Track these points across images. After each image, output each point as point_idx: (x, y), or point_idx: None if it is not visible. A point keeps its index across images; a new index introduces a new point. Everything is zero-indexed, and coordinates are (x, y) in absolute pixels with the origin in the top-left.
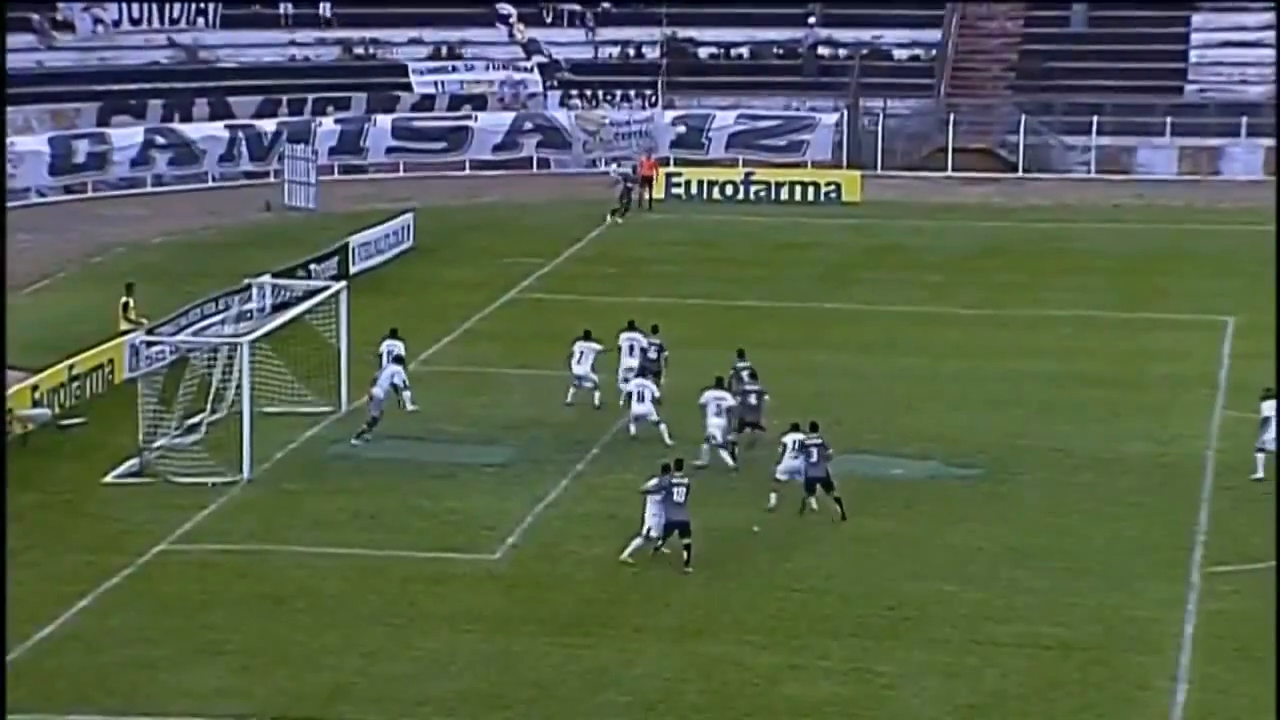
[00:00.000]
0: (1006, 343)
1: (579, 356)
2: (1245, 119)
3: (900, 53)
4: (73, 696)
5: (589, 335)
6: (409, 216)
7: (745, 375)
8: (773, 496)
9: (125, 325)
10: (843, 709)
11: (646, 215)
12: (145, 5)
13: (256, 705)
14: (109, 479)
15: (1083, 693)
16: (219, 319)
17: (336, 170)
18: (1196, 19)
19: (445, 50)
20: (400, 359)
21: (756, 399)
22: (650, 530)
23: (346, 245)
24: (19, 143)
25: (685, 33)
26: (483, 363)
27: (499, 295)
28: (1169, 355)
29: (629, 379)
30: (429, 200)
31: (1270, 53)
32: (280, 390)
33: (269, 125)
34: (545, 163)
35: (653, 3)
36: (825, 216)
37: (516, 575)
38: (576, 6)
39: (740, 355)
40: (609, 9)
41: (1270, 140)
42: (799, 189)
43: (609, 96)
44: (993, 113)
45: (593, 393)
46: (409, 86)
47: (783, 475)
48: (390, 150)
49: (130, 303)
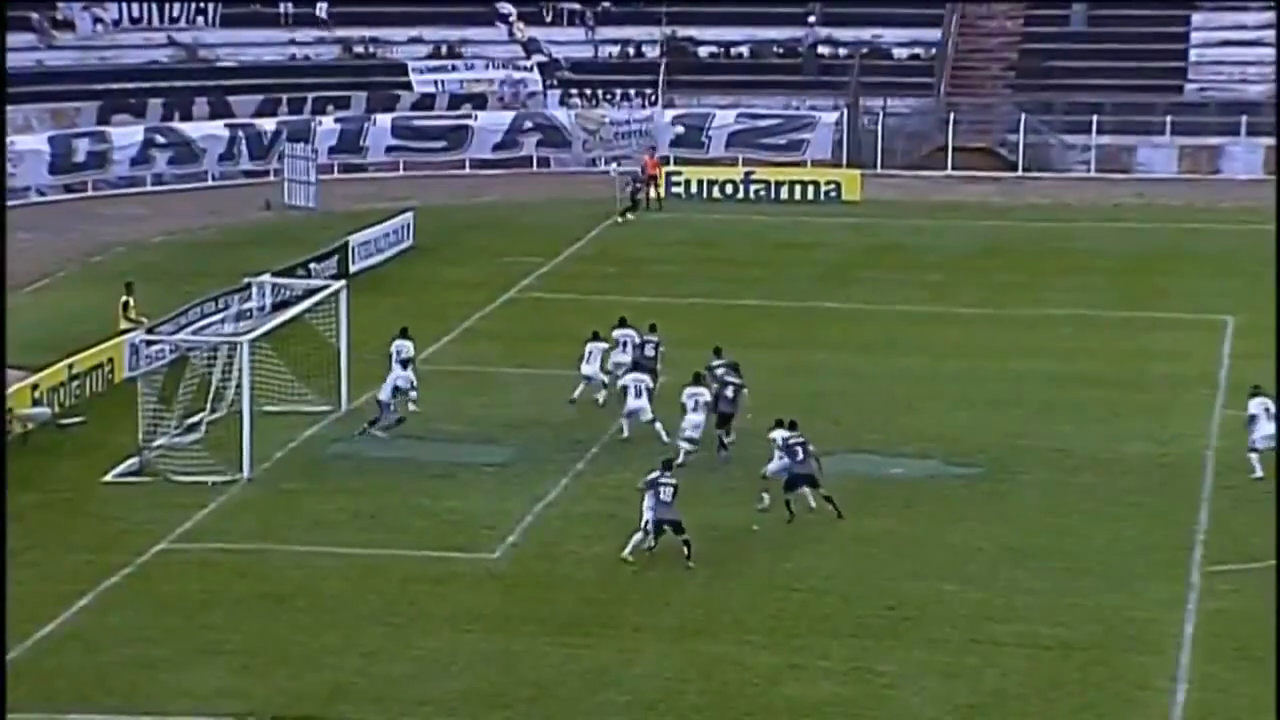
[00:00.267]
0: (1006, 343)
1: (589, 356)
2: (1245, 118)
3: (900, 52)
4: (73, 696)
5: (598, 336)
6: (409, 216)
7: (720, 371)
8: (764, 496)
9: (125, 324)
10: (843, 709)
11: (654, 214)
12: (145, 4)
13: (256, 705)
14: (109, 478)
15: (1083, 693)
16: (219, 318)
17: (336, 169)
18: (1196, 18)
19: (445, 49)
20: (408, 361)
21: (734, 392)
22: (647, 524)
23: (346, 244)
24: (19, 142)
25: (685, 32)
26: (483, 362)
27: (499, 294)
28: (1169, 355)
29: (620, 375)
30: (429, 199)
31: (1270, 52)
32: (280, 389)
33: (269, 124)
34: (545, 162)
35: (653, 2)
36: (825, 216)
37: (516, 575)
38: (576, 5)
39: (717, 353)
40: (609, 8)
41: (1270, 139)
42: (799, 188)
43: (609, 95)
44: (993, 112)
45: (599, 391)
46: (409, 85)
47: (772, 474)
48: (390, 149)
49: (130, 302)
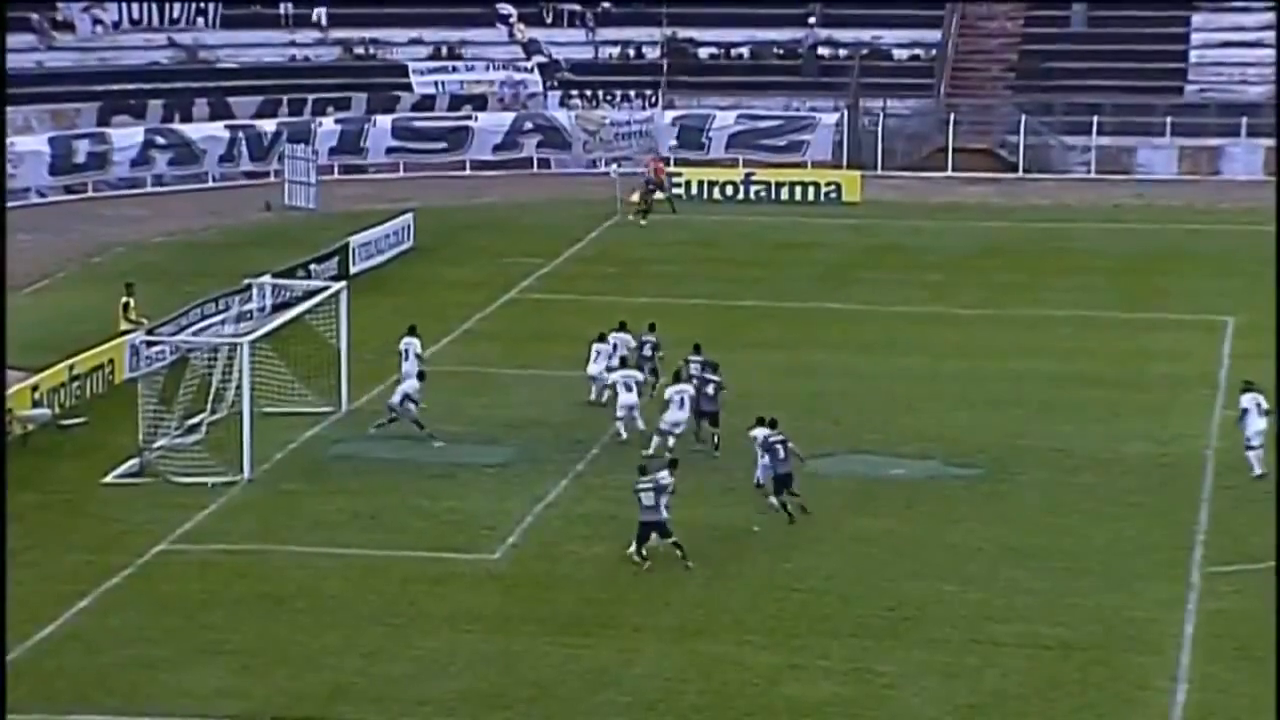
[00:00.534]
0: (1006, 343)
1: (595, 356)
2: (1245, 119)
3: (900, 53)
4: (73, 696)
5: (603, 337)
6: (409, 216)
7: (695, 368)
8: (773, 500)
9: (125, 325)
10: (843, 709)
11: (668, 216)
12: (145, 5)
13: (256, 705)
14: (109, 479)
15: (1083, 693)
16: (219, 319)
17: (336, 170)
18: (1196, 19)
19: (445, 50)
20: (419, 356)
21: (714, 389)
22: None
23: (347, 245)
24: (19, 143)
25: (685, 33)
26: (483, 363)
27: (499, 295)
28: (1169, 355)
29: (610, 372)
30: (429, 200)
31: (1270, 53)
32: (280, 390)
33: (269, 125)
34: (545, 163)
35: (653, 3)
36: (825, 216)
37: (516, 575)
38: (577, 6)
39: (696, 349)
40: (609, 9)
41: (1270, 140)
42: (799, 189)
43: (609, 96)
44: (993, 113)
45: (603, 391)
46: (409, 86)
47: (764, 479)
48: (390, 150)
49: (130, 303)
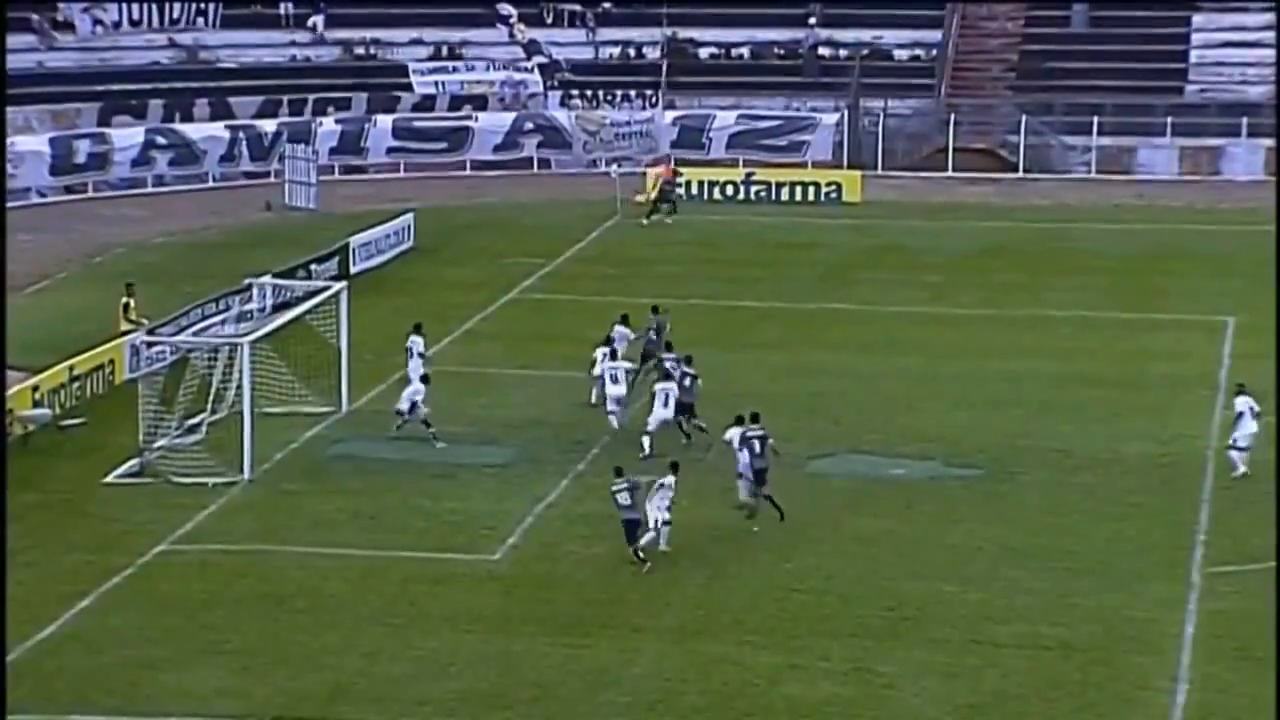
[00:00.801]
0: (1006, 343)
1: (601, 358)
2: (1245, 119)
3: (901, 53)
4: (73, 696)
5: (607, 342)
6: (409, 216)
7: (671, 364)
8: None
9: (126, 325)
10: (843, 709)
11: (666, 218)
12: (145, 6)
13: (256, 705)
14: (109, 479)
15: (1083, 693)
16: (219, 319)
17: (337, 170)
18: (1197, 19)
19: (446, 50)
20: (422, 355)
21: (690, 382)
22: (657, 523)
23: (347, 245)
24: (20, 143)
25: (685, 33)
26: (483, 363)
27: (500, 295)
28: (1169, 355)
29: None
30: (429, 200)
31: (1270, 53)
32: (281, 390)
33: (269, 125)
34: (546, 163)
35: (653, 3)
36: (825, 216)
37: (516, 575)
38: (577, 7)
39: (668, 347)
40: (609, 9)
41: (1270, 140)
42: (799, 189)
43: (609, 97)
44: (993, 113)
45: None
46: (409, 87)
47: (742, 470)
48: (391, 150)
49: (131, 303)
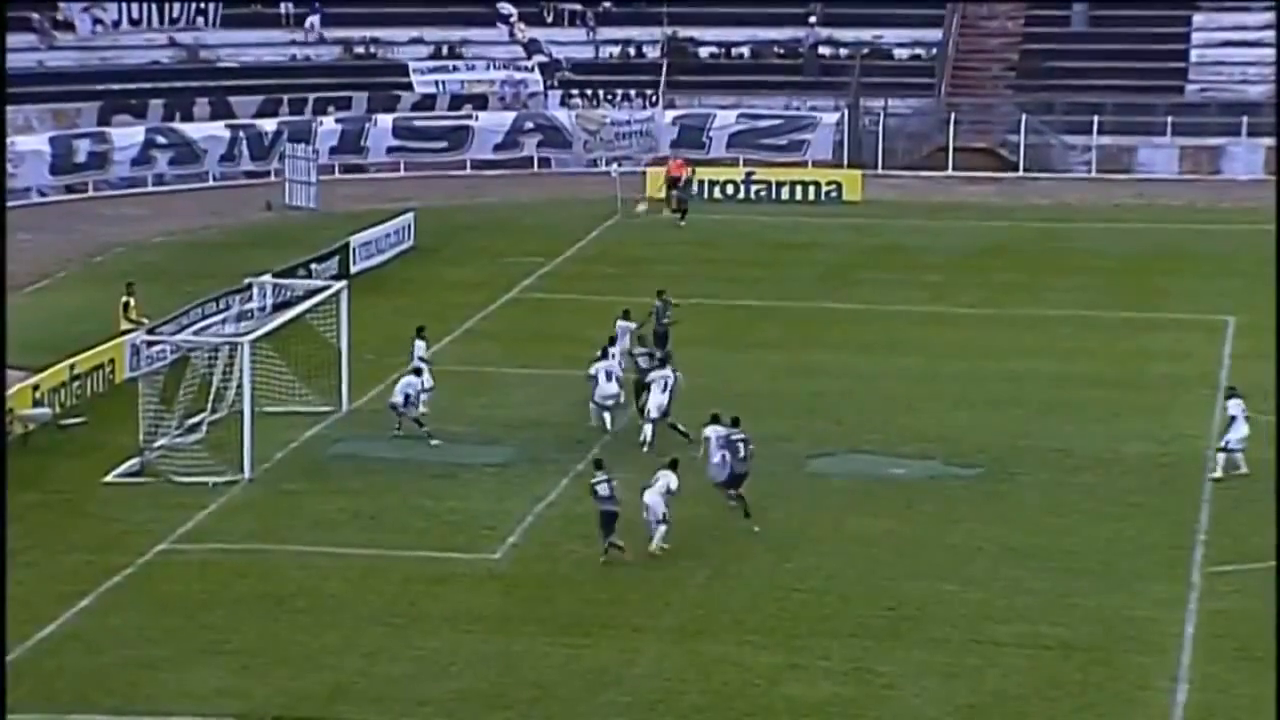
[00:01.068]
0: (1006, 343)
1: (612, 356)
2: (1246, 118)
3: (901, 52)
4: (73, 697)
5: (612, 342)
6: (409, 216)
7: (644, 360)
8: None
9: (126, 325)
10: (843, 709)
11: (669, 215)
12: (145, 5)
13: (256, 705)
14: (109, 479)
15: (1083, 693)
16: (220, 318)
17: (337, 170)
18: (1197, 18)
19: (446, 50)
20: (419, 369)
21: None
22: (665, 516)
23: (347, 245)
24: (20, 142)
25: (686, 32)
26: (483, 362)
27: (500, 295)
28: (1169, 355)
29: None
30: (429, 200)
31: (1270, 52)
32: (281, 390)
33: (270, 125)
34: (546, 162)
35: (653, 2)
36: (826, 216)
37: (517, 575)
38: (577, 6)
39: (640, 340)
40: (610, 8)
41: (1271, 140)
42: (800, 189)
43: (610, 96)
44: (993, 112)
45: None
46: (410, 86)
47: (715, 477)
48: (391, 150)
49: (131, 302)
